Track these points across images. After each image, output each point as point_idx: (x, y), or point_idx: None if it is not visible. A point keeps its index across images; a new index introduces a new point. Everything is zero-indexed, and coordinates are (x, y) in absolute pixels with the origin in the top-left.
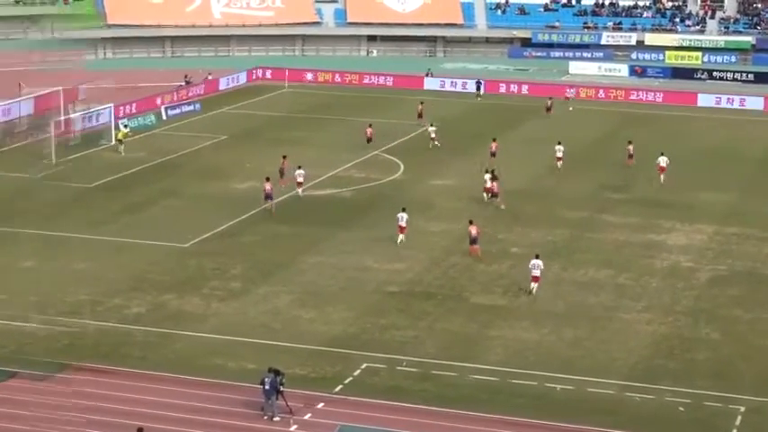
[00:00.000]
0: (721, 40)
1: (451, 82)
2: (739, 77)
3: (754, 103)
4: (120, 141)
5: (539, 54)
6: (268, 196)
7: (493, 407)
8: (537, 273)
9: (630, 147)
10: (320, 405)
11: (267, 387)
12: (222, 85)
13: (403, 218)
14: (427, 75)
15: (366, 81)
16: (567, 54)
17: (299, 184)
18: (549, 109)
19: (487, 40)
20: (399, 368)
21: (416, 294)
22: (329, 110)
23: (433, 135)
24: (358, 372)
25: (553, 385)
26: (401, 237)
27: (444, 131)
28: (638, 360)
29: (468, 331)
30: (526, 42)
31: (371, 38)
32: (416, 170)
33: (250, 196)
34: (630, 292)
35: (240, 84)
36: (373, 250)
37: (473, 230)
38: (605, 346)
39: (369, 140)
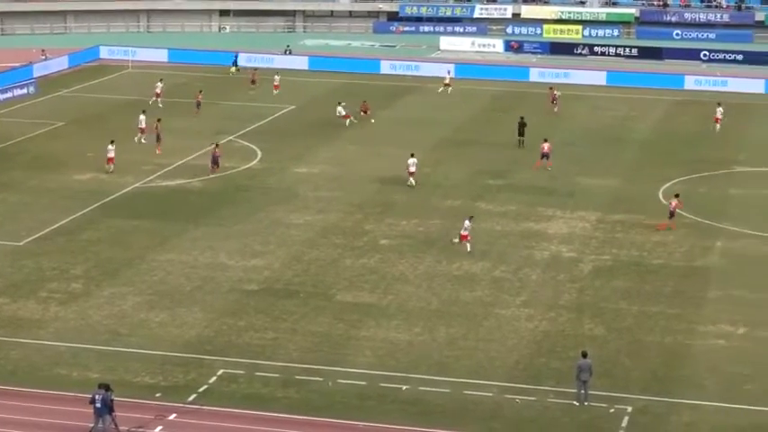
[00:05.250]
0: (603, 12)
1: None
2: (622, 52)
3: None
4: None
5: (407, 29)
6: (215, 161)
7: (362, 414)
8: (465, 232)
9: (546, 144)
10: (172, 416)
11: (99, 405)
12: (58, 66)
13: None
14: (286, 52)
15: (219, 59)
16: (437, 29)
17: (143, 130)
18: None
19: (351, 14)
20: (259, 374)
21: (277, 293)
22: (178, 92)
23: (343, 113)
24: (214, 379)
25: (427, 389)
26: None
27: (307, 114)
28: (518, 359)
29: (335, 332)
30: (393, 16)
31: (224, 12)
32: (276, 157)
33: (91, 189)
34: (509, 286)
35: (78, 64)
36: (228, 246)
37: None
38: (483, 346)
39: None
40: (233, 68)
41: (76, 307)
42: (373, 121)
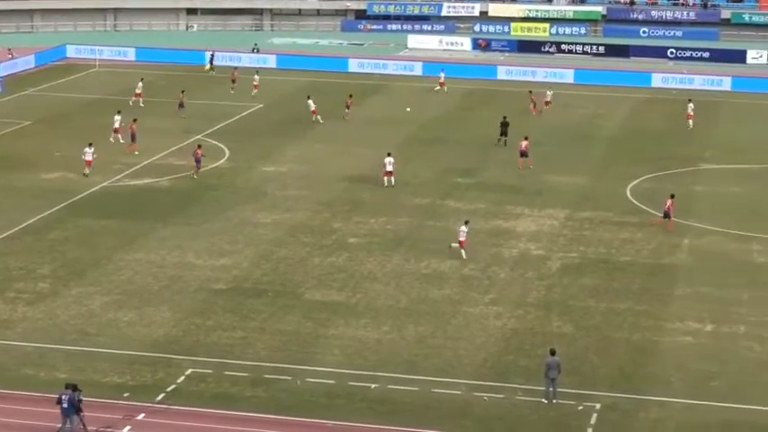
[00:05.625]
0: (570, 10)
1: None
2: (589, 50)
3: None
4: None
5: (375, 27)
6: (198, 160)
7: (331, 412)
8: (462, 237)
9: (524, 142)
10: (141, 416)
11: (65, 405)
12: (25, 65)
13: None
14: (253, 50)
15: (186, 58)
16: (405, 27)
17: (116, 130)
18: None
19: (319, 13)
20: (227, 373)
21: (245, 292)
22: (146, 91)
23: (312, 107)
24: (182, 378)
25: (396, 387)
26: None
27: (274, 113)
28: (486, 357)
29: (303, 331)
30: (361, 14)
31: (191, 11)
32: (244, 156)
33: (59, 188)
34: (477, 284)
35: (45, 63)
36: (196, 245)
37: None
38: (451, 344)
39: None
40: (207, 66)
41: (44, 307)
42: (409, 109)
